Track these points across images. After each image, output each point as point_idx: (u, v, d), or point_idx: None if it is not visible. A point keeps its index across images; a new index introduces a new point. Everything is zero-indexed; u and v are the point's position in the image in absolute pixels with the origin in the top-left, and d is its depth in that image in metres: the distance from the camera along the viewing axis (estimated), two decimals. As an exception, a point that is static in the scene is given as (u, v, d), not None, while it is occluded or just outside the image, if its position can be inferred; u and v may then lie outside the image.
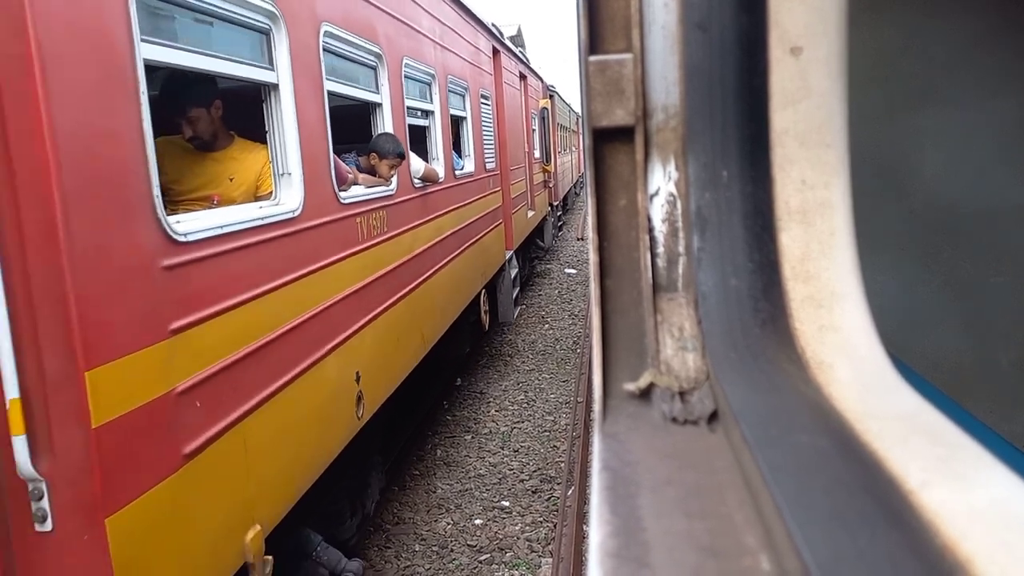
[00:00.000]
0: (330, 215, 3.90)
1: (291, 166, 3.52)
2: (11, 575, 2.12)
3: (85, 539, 2.12)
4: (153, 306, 2.41)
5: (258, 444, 2.97)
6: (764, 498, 0.53)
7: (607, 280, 0.80)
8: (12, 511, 2.11)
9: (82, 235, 2.12)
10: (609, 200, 0.81)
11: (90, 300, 2.14)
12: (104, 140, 2.25)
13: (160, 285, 2.44)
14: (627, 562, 0.51)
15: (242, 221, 3.00)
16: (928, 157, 2.08)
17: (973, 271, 2.11)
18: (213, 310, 2.72)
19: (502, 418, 8.06)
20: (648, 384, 0.75)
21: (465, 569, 5.29)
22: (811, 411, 0.62)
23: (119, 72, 2.33)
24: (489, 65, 9.50)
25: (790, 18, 0.72)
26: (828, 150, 0.73)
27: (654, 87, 0.78)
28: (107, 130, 2.27)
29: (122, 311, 2.27)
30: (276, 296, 3.21)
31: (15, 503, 2.10)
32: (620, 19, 0.78)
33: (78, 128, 2.14)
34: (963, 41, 2.01)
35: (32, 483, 2.08)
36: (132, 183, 2.36)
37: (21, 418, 2.04)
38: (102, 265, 2.22)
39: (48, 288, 2.06)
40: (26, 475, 2.06)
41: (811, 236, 0.73)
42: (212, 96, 3.63)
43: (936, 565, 0.42)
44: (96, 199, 2.20)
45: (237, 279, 2.91)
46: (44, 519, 2.09)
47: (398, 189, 5.17)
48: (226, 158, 3.73)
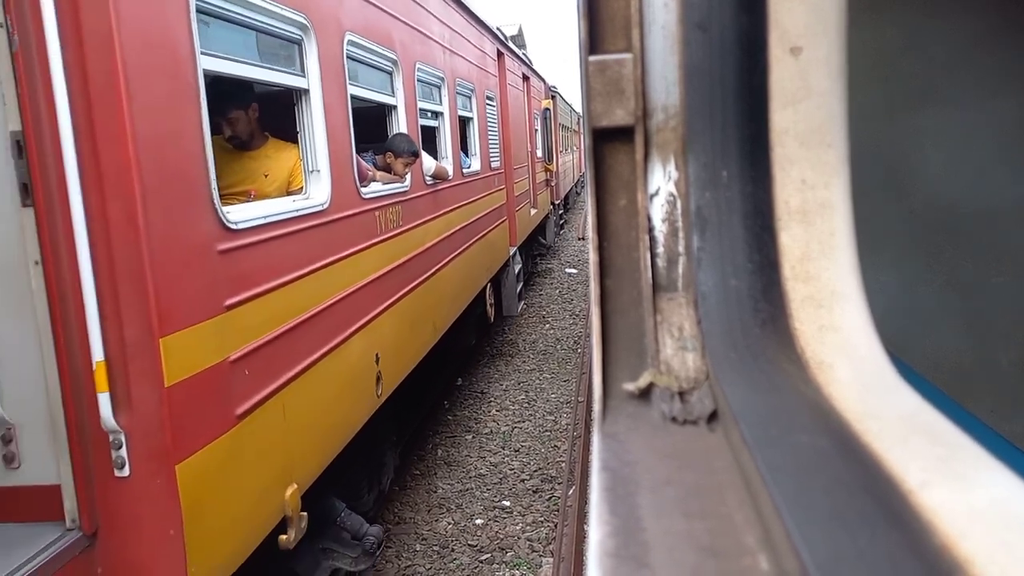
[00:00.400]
0: (353, 209, 4.28)
1: (320, 164, 3.91)
2: (93, 515, 2.49)
3: (158, 483, 2.49)
4: (211, 284, 2.79)
5: (295, 411, 3.33)
6: (763, 498, 0.53)
7: (607, 280, 0.80)
8: (95, 459, 2.47)
9: (156, 223, 2.49)
10: (609, 200, 0.81)
11: (163, 278, 2.50)
12: (173, 141, 2.61)
13: (216, 266, 2.82)
14: (626, 562, 0.51)
15: (280, 212, 3.40)
16: (928, 157, 2.08)
17: (974, 271, 2.11)
18: (258, 290, 3.10)
19: (503, 418, 8.06)
20: (648, 384, 0.75)
21: (466, 569, 5.29)
22: (811, 411, 0.62)
23: (184, 82, 2.69)
24: (494, 67, 9.92)
25: (790, 18, 0.72)
26: (828, 150, 0.73)
27: (654, 87, 0.78)
28: (175, 133, 2.63)
29: (188, 288, 2.65)
30: (308, 280, 3.58)
31: (98, 452, 2.47)
32: (620, 19, 0.78)
33: (153, 132, 2.48)
34: (963, 41, 2.01)
35: (113, 434, 2.44)
36: (195, 178, 2.73)
37: (105, 378, 2.40)
38: (172, 248, 2.58)
39: (129, 268, 2.43)
40: (108, 427, 2.42)
41: (811, 236, 0.73)
42: (250, 99, 4.01)
43: (935, 565, 0.42)
44: (167, 192, 2.57)
45: (276, 264, 3.30)
46: (123, 466, 2.47)
47: (412, 186, 5.52)
48: (261, 156, 4.09)
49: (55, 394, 2.47)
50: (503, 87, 10.56)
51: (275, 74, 3.52)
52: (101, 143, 2.36)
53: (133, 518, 2.52)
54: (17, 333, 2.47)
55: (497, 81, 10.14)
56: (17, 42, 2.30)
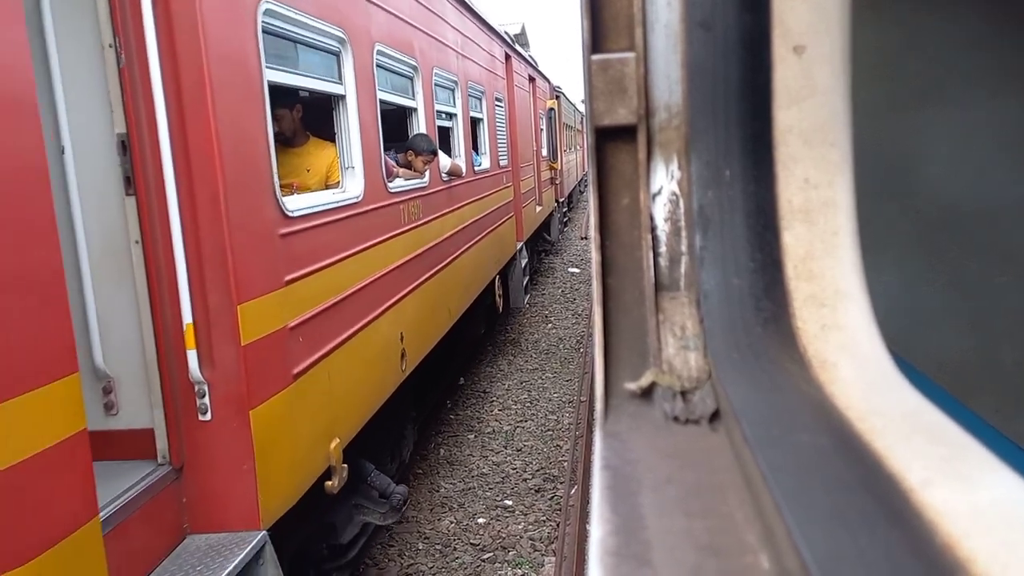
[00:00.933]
0: (382, 201, 4.82)
1: (355, 161, 4.47)
2: (180, 453, 2.99)
3: (235, 426, 2.99)
4: (274, 262, 3.30)
5: (337, 376, 3.87)
6: (765, 497, 0.53)
7: (609, 279, 0.80)
8: (183, 406, 2.98)
9: (234, 209, 2.98)
10: (611, 199, 0.80)
11: (239, 255, 3.00)
12: (245, 141, 3.12)
13: (278, 247, 3.35)
14: (627, 560, 0.51)
15: (323, 203, 3.94)
16: (932, 155, 2.07)
17: (977, 270, 2.10)
18: (308, 269, 3.61)
19: (505, 417, 8.06)
20: (650, 383, 0.75)
21: (468, 568, 5.30)
22: (813, 410, 0.62)
23: (253, 91, 3.21)
24: (502, 70, 10.48)
25: (793, 16, 0.72)
26: (831, 148, 0.73)
27: (657, 86, 0.78)
28: (247, 134, 3.14)
29: (258, 264, 3.16)
30: (346, 264, 4.10)
31: (185, 400, 2.97)
32: (623, 18, 0.78)
33: (231, 133, 2.99)
34: (966, 39, 2.01)
35: (198, 385, 2.96)
36: (262, 172, 3.25)
37: (193, 337, 2.91)
38: (246, 230, 3.07)
39: (213, 246, 2.92)
40: (195, 379, 2.94)
41: (814, 235, 0.73)
42: (294, 100, 4.54)
43: (937, 564, 0.42)
44: (242, 183, 3.06)
45: (321, 248, 3.80)
46: (206, 411, 2.98)
47: (430, 182, 6.03)
48: (304, 153, 4.62)
49: (151, 351, 2.96)
50: (510, 89, 11.06)
51: (319, 82, 4.11)
52: (191, 143, 2.86)
53: (214, 455, 3.01)
54: (120, 300, 2.94)
55: (505, 83, 10.60)
56: (123, 59, 2.81)
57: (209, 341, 2.94)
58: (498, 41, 10.20)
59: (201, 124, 2.86)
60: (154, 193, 2.88)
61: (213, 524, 3.03)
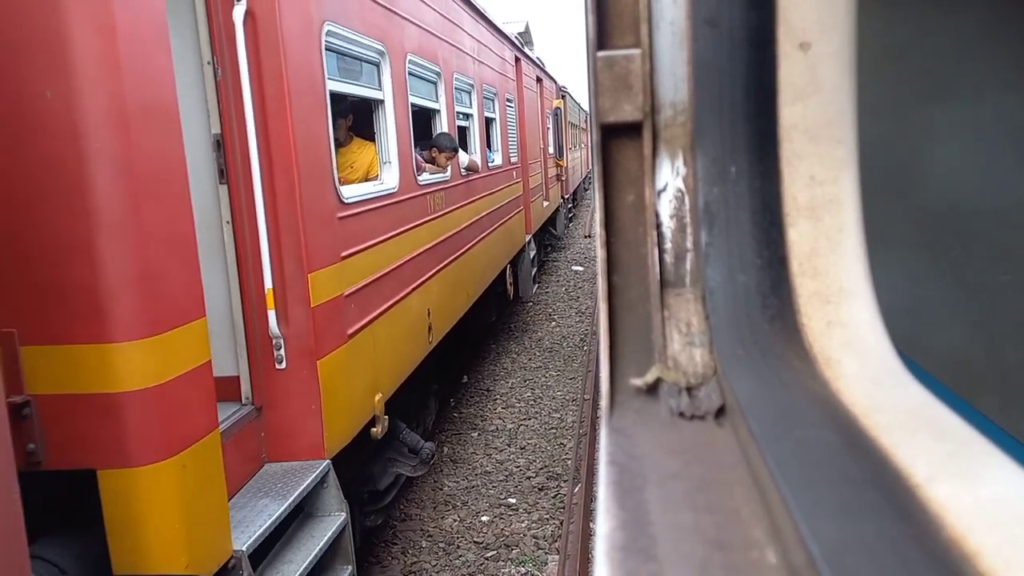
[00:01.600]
0: (413, 192, 5.53)
1: (391, 157, 5.22)
2: (261, 396, 3.64)
3: (305, 373, 3.65)
4: (334, 240, 3.96)
5: (380, 340, 4.59)
6: (771, 492, 0.53)
7: (614, 276, 0.80)
8: (263, 356, 3.64)
9: (306, 195, 3.64)
10: (616, 196, 0.81)
11: (310, 232, 3.65)
12: (314, 140, 3.80)
13: (336, 227, 4.01)
14: (634, 555, 0.51)
15: (368, 193, 4.67)
16: (938, 153, 2.07)
17: (983, 268, 2.10)
18: (358, 248, 4.31)
19: (509, 415, 8.06)
20: (655, 379, 0.75)
21: (471, 566, 5.30)
22: (818, 406, 0.62)
23: (319, 99, 3.91)
24: (512, 72, 11.23)
25: (799, 13, 0.72)
26: (837, 145, 0.73)
27: (662, 83, 0.78)
28: (315, 134, 3.84)
29: (323, 240, 3.82)
30: (385, 245, 4.81)
31: (264, 352, 3.63)
32: (628, 14, 0.78)
33: (304, 133, 3.67)
34: (974, 35, 2.00)
35: (275, 339, 3.60)
36: (325, 165, 3.94)
37: (272, 300, 3.53)
38: (314, 213, 3.72)
39: (289, 225, 3.57)
40: (273, 334, 3.59)
41: (819, 232, 0.73)
42: (348, 111, 5.34)
43: (942, 558, 0.42)
44: (312, 174, 3.73)
45: (366, 231, 4.48)
46: (281, 361, 3.64)
47: (451, 176, 6.77)
48: (349, 151, 5.29)
49: (237, 312, 3.60)
50: (520, 90, 11.81)
51: (364, 89, 4.90)
52: (273, 141, 3.51)
53: (287, 397, 3.65)
54: (213, 269, 3.46)
55: (515, 84, 11.37)
56: (220, 73, 3.45)
57: (285, 303, 3.59)
58: (509, 45, 10.90)
59: (281, 126, 3.53)
60: (242, 182, 3.51)
61: (286, 454, 3.68)
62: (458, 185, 7.03)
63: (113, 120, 2.51)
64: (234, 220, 3.55)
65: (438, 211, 6.22)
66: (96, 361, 2.52)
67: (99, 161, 2.48)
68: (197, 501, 2.77)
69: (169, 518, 2.63)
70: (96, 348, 2.51)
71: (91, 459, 2.55)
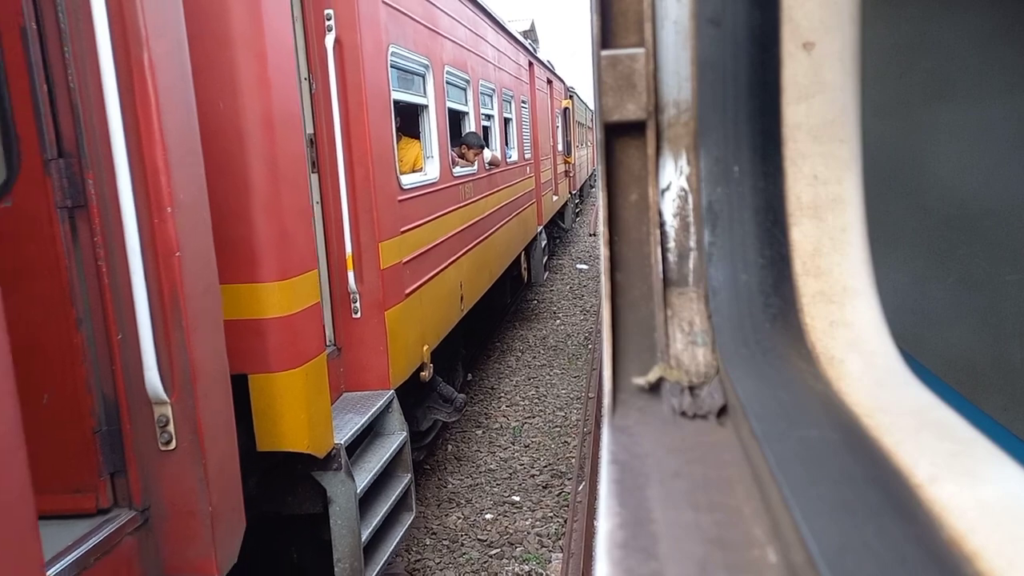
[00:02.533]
0: (449, 183, 6.57)
1: (433, 152, 6.27)
2: (341, 339, 4.54)
3: (375, 321, 4.58)
4: (395, 218, 4.92)
5: (426, 301, 5.57)
6: (772, 491, 0.53)
7: (618, 274, 0.80)
8: (343, 308, 4.53)
9: (378, 182, 4.57)
10: (620, 195, 0.81)
11: (380, 211, 4.58)
12: (382, 138, 4.75)
13: (397, 208, 4.97)
14: (635, 553, 0.51)
15: (418, 181, 5.66)
16: (944, 152, 2.06)
17: (988, 268, 2.09)
18: (411, 226, 5.29)
19: (513, 413, 8.07)
20: (658, 378, 0.76)
21: (475, 563, 5.31)
22: (820, 405, 0.62)
23: (386, 106, 4.90)
24: (526, 76, 12.35)
25: (803, 12, 0.72)
26: (841, 145, 0.73)
27: (666, 82, 0.78)
28: (383, 133, 4.78)
29: (389, 217, 4.78)
30: (428, 226, 5.77)
31: (344, 304, 4.52)
32: (632, 14, 0.78)
33: (376, 133, 4.59)
34: (979, 36, 2.00)
35: (352, 294, 4.48)
36: (390, 158, 4.89)
37: (351, 263, 4.40)
38: (383, 195, 4.68)
39: (365, 204, 4.48)
40: (352, 290, 4.46)
41: (823, 231, 0.73)
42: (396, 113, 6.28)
43: (943, 558, 0.42)
44: (382, 166, 4.66)
45: (416, 213, 5.48)
46: (357, 312, 4.54)
47: (477, 169, 7.79)
48: (399, 148, 5.80)
49: (324, 273, 4.37)
50: (533, 92, 12.90)
51: (414, 97, 5.94)
52: (354, 140, 4.43)
53: (361, 340, 4.59)
54: None
55: (528, 87, 12.46)
56: (314, 87, 4.30)
57: (361, 266, 4.49)
58: (523, 51, 12.07)
59: (359, 128, 4.44)
60: (329, 172, 4.37)
61: (359, 385, 4.66)
62: (483, 178, 8.06)
63: (263, 125, 3.34)
64: (323, 200, 4.40)
65: (467, 200, 7.28)
66: (249, 296, 3.40)
67: (254, 155, 3.33)
68: (314, 402, 3.66)
69: (297, 411, 3.53)
70: (250, 287, 3.40)
71: (246, 367, 3.42)
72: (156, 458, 2.71)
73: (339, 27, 4.27)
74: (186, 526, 2.75)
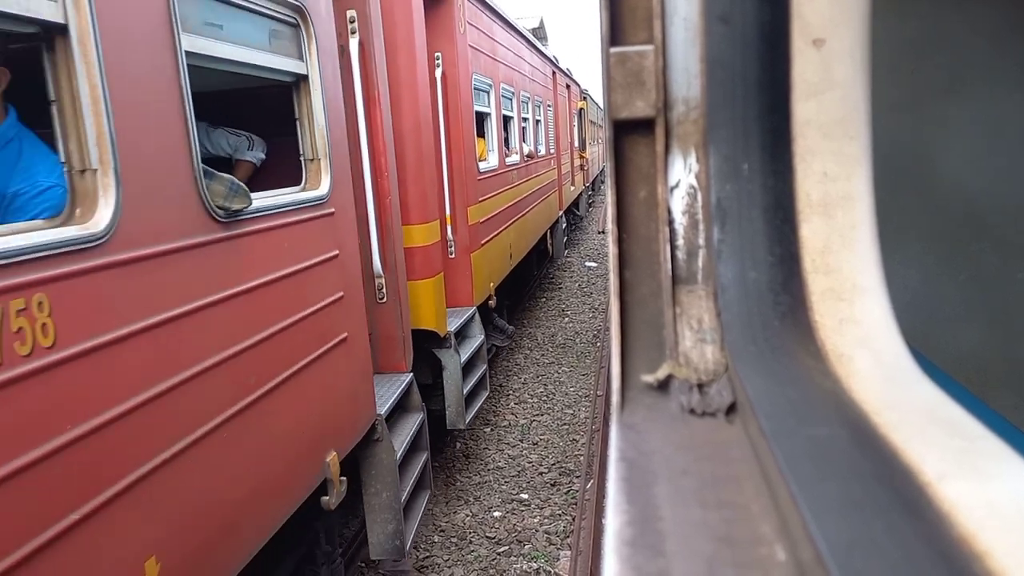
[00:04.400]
0: (503, 170, 8.67)
1: (493, 147, 8.51)
2: (443, 271, 6.03)
3: (465, 259, 6.72)
4: (476, 191, 7.06)
5: (490, 252, 7.67)
6: (780, 489, 0.53)
7: (626, 272, 0.80)
8: (443, 251, 6.20)
9: (468, 166, 6.82)
10: (629, 192, 0.81)
11: (468, 185, 6.80)
12: (469, 137, 6.92)
13: (477, 184, 7.11)
14: (642, 550, 0.52)
15: (487, 168, 7.77)
16: (954, 149, 2.05)
17: (999, 265, 2.08)
18: (483, 198, 7.36)
19: (521, 411, 8.08)
20: (666, 376, 0.76)
21: (483, 561, 5.32)
22: (830, 403, 0.62)
23: (471, 115, 7.10)
24: (550, 84, 14.90)
25: (812, 9, 0.72)
26: (851, 142, 0.72)
27: (675, 79, 0.78)
28: (469, 134, 6.92)
29: (472, 190, 6.91)
30: (489, 200, 7.75)
31: (443, 248, 6.22)
32: (642, 10, 0.78)
33: (466, 133, 6.75)
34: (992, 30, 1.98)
35: (449, 241, 6.45)
36: (473, 150, 7.11)
37: (449, 220, 6.42)
38: (470, 175, 6.88)
39: (460, 179, 6.63)
40: (448, 238, 6.44)
41: (832, 229, 0.72)
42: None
43: (952, 557, 0.42)
44: (469, 155, 6.89)
45: (486, 189, 7.56)
46: (451, 253, 6.50)
47: (519, 161, 10.03)
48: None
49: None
50: (556, 96, 15.53)
51: (483, 107, 7.99)
52: (452, 138, 6.48)
53: (455, 272, 6.56)
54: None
55: (552, 93, 15.00)
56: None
57: (455, 222, 6.50)
58: (549, 63, 14.71)
59: (457, 131, 6.55)
60: (434, 154, 5.90)
61: (456, 303, 6.68)
62: (522, 167, 10.26)
63: (414, 127, 5.43)
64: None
65: (513, 183, 9.44)
66: (408, 232, 5.31)
67: (409, 147, 5.37)
68: (437, 301, 5.80)
69: (429, 305, 5.66)
70: (407, 228, 5.34)
71: (409, 276, 5.24)
72: (375, 308, 4.69)
73: (444, 64, 6.41)
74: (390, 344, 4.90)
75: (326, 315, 3.57)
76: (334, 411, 3.69)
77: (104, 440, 2.08)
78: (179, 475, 2.41)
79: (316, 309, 3.44)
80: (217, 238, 2.66)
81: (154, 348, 2.29)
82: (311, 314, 3.38)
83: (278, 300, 3.10)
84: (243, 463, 2.83)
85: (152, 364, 2.28)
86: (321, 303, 3.51)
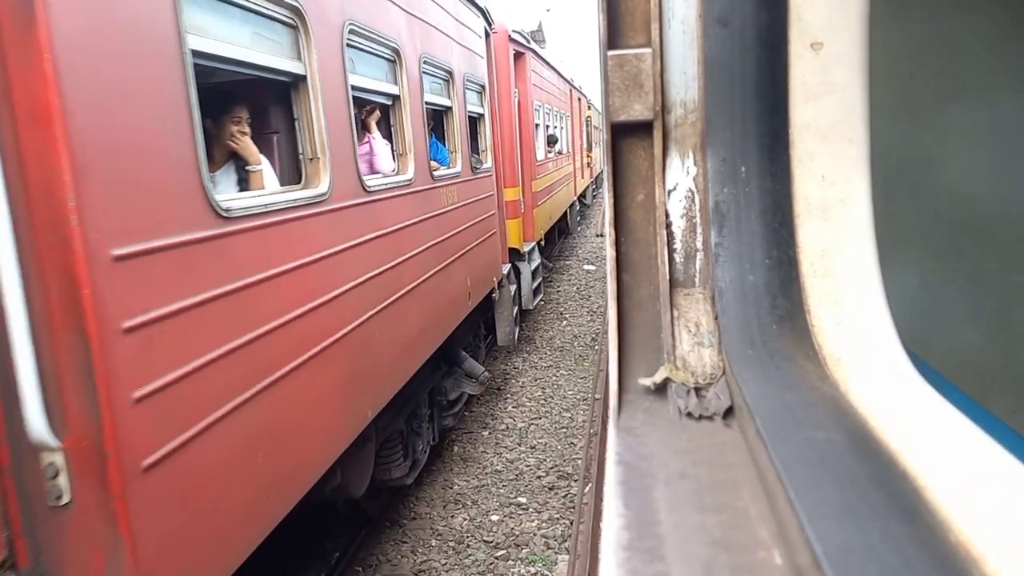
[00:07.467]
0: (546, 160, 13.01)
1: (541, 145, 12.64)
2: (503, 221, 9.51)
3: (529, 213, 11.00)
4: (536, 172, 11.75)
5: (540, 212, 11.73)
6: (778, 492, 0.53)
7: (624, 275, 0.80)
8: (512, 208, 9.99)
9: (529, 155, 11.21)
10: (627, 195, 0.80)
11: (533, 166, 11.30)
12: (530, 139, 11.71)
13: (536, 167, 12.17)
14: (640, 554, 0.51)
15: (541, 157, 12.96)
16: (953, 153, 2.05)
17: (997, 270, 2.08)
18: (538, 177, 12.15)
19: (519, 414, 8.07)
20: (664, 379, 0.75)
21: (481, 565, 5.31)
22: (827, 407, 0.62)
23: (534, 126, 12.19)
24: (568, 98, 18.91)
25: (811, 12, 0.72)
26: (849, 145, 0.72)
27: (673, 82, 0.78)
28: (533, 137, 12.04)
29: (533, 171, 11.45)
30: (541, 179, 11.97)
31: (513, 209, 10.11)
32: (640, 13, 0.78)
33: (532, 137, 11.88)
34: (990, 35, 1.98)
35: (519, 201, 10.43)
36: (532, 146, 11.81)
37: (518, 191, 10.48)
38: (534, 160, 11.52)
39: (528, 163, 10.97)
40: (520, 199, 10.47)
41: (830, 232, 0.72)
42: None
43: (947, 560, 0.42)
44: (530, 147, 11.40)
45: (540, 172, 12.14)
46: (522, 208, 10.40)
47: (552, 156, 13.91)
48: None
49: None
50: (572, 109, 19.69)
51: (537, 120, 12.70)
52: (524, 139, 10.67)
53: (526, 219, 10.63)
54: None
55: (569, 106, 18.90)
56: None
57: (525, 189, 9.93)
58: (569, 83, 18.85)
59: (528, 135, 10.49)
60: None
61: (526, 239, 10.09)
62: (555, 160, 14.07)
63: (509, 134, 9.22)
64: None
65: (552, 169, 13.09)
66: (506, 192, 8.68)
67: (506, 144, 9.05)
68: (519, 232, 9.55)
69: (516, 232, 9.44)
70: (506, 189, 8.71)
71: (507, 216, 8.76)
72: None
73: (520, 97, 9.74)
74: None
75: (489, 221, 7.55)
76: (493, 264, 7.87)
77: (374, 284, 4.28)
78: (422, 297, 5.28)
79: (486, 216, 7.36)
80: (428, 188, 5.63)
81: (382, 246, 4.42)
82: (484, 219, 7.27)
83: (468, 215, 6.67)
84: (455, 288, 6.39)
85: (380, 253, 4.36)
86: (486, 214, 7.44)
